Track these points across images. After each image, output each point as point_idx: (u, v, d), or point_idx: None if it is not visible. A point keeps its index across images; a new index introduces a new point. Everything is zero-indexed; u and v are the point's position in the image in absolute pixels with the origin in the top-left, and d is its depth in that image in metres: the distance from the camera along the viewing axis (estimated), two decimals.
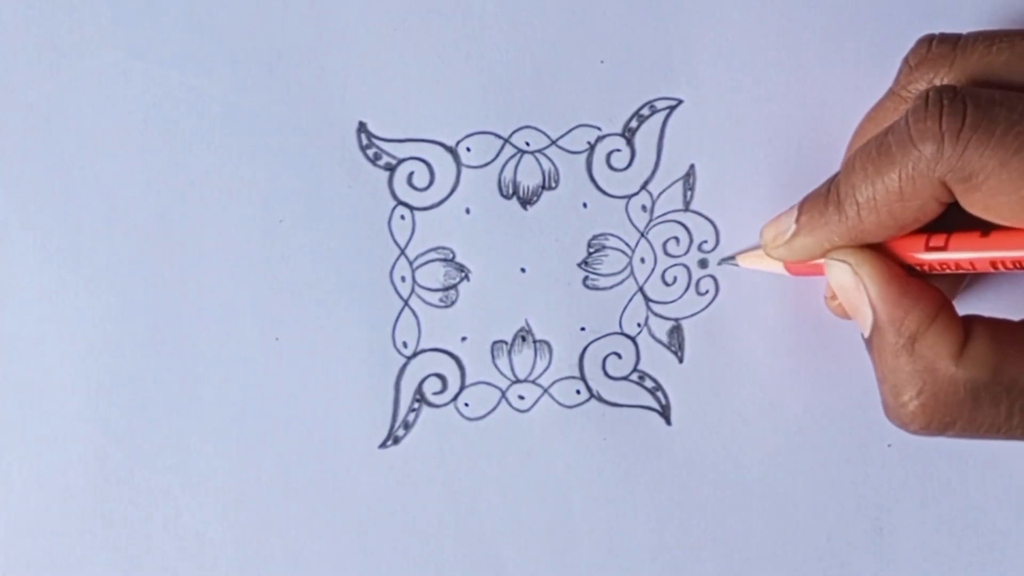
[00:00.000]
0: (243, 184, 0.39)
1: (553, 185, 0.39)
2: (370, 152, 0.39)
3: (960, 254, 0.31)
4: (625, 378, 0.40)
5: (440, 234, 0.39)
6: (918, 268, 0.33)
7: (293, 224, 0.39)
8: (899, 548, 0.40)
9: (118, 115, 0.39)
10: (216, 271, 0.39)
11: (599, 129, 0.39)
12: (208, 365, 0.39)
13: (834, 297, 0.36)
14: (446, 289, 0.39)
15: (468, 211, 0.39)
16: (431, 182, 0.39)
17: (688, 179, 0.39)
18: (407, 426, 0.39)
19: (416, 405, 0.39)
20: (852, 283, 0.32)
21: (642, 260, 0.39)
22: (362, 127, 0.39)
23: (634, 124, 0.39)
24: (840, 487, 0.40)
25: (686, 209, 0.39)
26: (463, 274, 0.39)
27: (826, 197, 0.33)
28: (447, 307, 0.39)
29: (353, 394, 0.39)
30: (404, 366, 0.39)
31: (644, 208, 0.39)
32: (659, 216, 0.39)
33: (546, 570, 0.40)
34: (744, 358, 0.39)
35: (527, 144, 0.39)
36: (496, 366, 0.39)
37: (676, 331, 0.40)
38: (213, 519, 0.40)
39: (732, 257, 0.39)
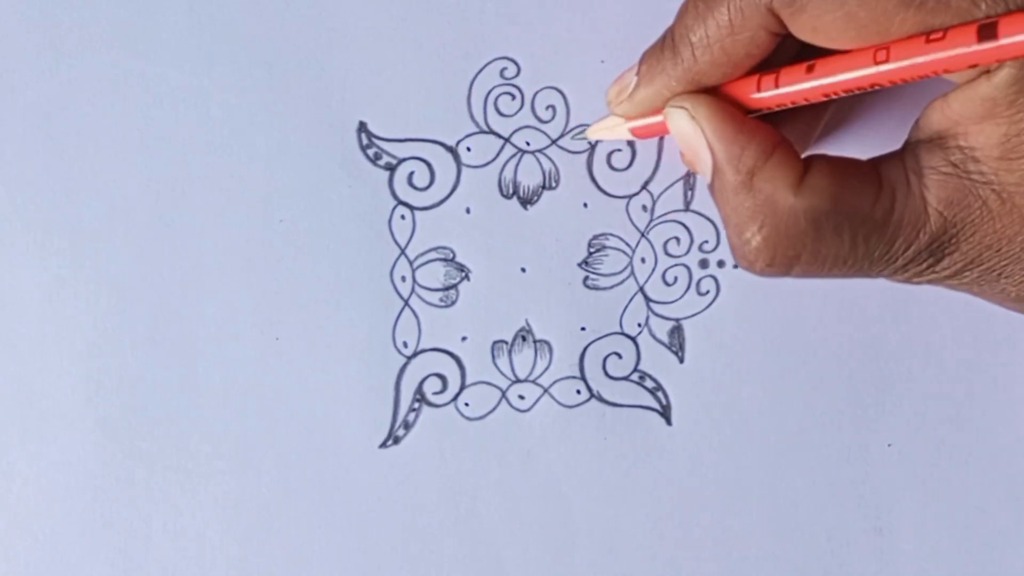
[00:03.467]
0: (243, 184, 0.39)
1: (553, 185, 0.39)
2: (370, 152, 0.39)
3: (791, 87, 0.31)
4: (625, 378, 0.40)
5: (440, 234, 0.39)
6: (756, 111, 0.33)
7: (293, 224, 0.39)
8: (899, 548, 0.40)
9: (118, 115, 0.39)
10: (216, 271, 0.39)
11: None
12: (208, 365, 0.39)
13: None
14: (446, 289, 0.39)
15: (468, 211, 0.39)
16: (431, 182, 0.39)
17: (689, 179, 0.39)
18: (407, 426, 0.39)
19: (416, 405, 0.39)
20: (690, 128, 0.32)
21: (643, 260, 0.39)
22: (362, 127, 0.39)
23: None
24: (840, 487, 0.40)
25: (687, 209, 0.39)
26: (463, 274, 0.39)
27: (663, 44, 0.33)
28: (447, 307, 0.39)
29: (353, 394, 0.39)
30: (404, 366, 0.39)
31: (645, 208, 0.39)
32: (660, 216, 0.39)
33: (546, 570, 0.40)
34: (745, 358, 0.39)
35: (527, 144, 0.39)
36: (496, 366, 0.40)
37: (677, 331, 0.40)
38: (213, 519, 0.40)
39: (582, 130, 0.38)
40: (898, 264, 0.32)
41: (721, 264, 0.39)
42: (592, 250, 0.39)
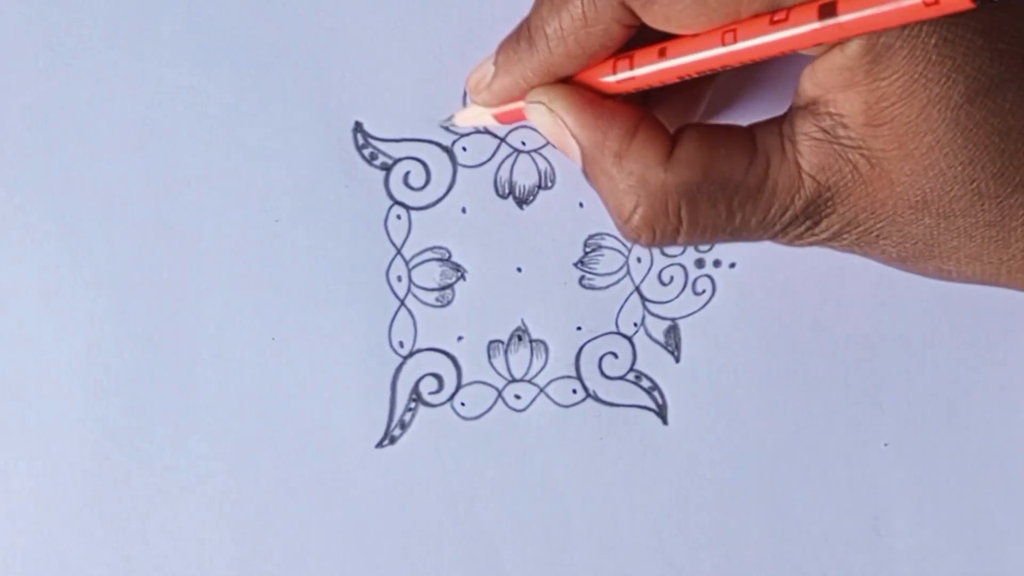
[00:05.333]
0: (240, 183, 0.39)
1: (549, 184, 0.39)
2: (366, 152, 0.39)
3: (645, 69, 0.32)
4: (621, 378, 0.40)
5: (436, 234, 0.39)
6: (615, 95, 0.33)
7: (289, 224, 0.39)
8: (896, 548, 0.40)
9: (115, 115, 0.39)
10: (213, 271, 0.39)
11: None
12: (205, 365, 0.39)
13: None
14: (442, 289, 0.39)
15: (464, 211, 0.39)
16: (427, 182, 0.39)
17: None
18: (403, 426, 0.40)
19: (412, 405, 0.39)
20: (550, 121, 0.33)
21: (638, 260, 0.39)
22: (358, 127, 0.39)
23: None
24: (837, 487, 0.40)
25: None
26: (459, 274, 0.39)
27: (519, 34, 0.33)
28: (443, 307, 0.39)
29: (349, 394, 0.39)
30: (400, 366, 0.39)
31: None
32: None
33: (543, 569, 0.40)
34: (741, 358, 0.39)
35: (523, 143, 0.39)
36: (492, 365, 0.39)
37: (673, 331, 0.39)
38: (210, 519, 0.40)
39: (450, 118, 0.38)
40: (776, 229, 0.32)
41: (717, 264, 0.39)
42: (588, 250, 0.39)
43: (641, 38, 0.32)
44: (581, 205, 0.39)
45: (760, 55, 0.30)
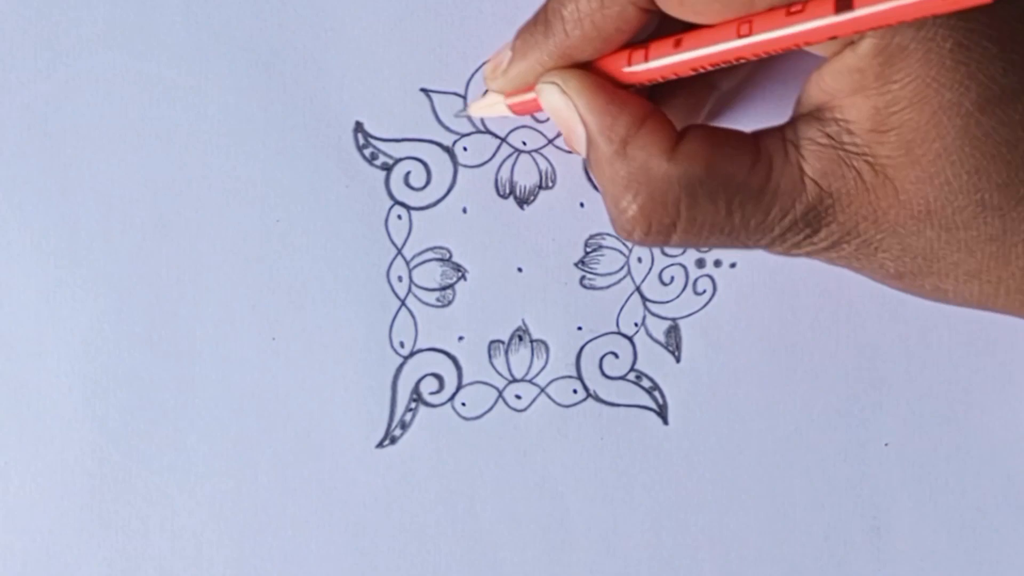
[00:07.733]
0: (240, 184, 0.39)
1: (550, 184, 0.39)
2: (367, 152, 0.39)
3: (660, 61, 0.31)
4: (622, 377, 0.40)
5: (437, 234, 0.39)
6: (629, 86, 0.33)
7: (290, 224, 0.39)
8: (897, 548, 0.40)
9: (115, 115, 0.39)
10: (213, 271, 0.39)
11: None
12: (205, 365, 0.39)
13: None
14: (443, 289, 0.39)
15: (465, 211, 0.39)
16: (428, 182, 0.39)
17: None
18: (404, 426, 0.40)
19: (413, 405, 0.39)
20: (561, 102, 0.32)
21: (639, 259, 0.39)
22: (359, 127, 0.39)
23: None
24: (837, 487, 0.40)
25: None
26: (460, 274, 0.39)
27: (536, 19, 0.33)
28: (444, 307, 0.39)
29: (350, 394, 0.39)
30: (401, 366, 0.39)
31: None
32: None
33: (543, 569, 0.40)
34: (741, 358, 0.39)
35: (524, 143, 0.39)
36: (493, 366, 0.40)
37: (673, 331, 0.40)
38: (210, 519, 0.40)
39: (464, 108, 0.38)
40: (775, 233, 0.32)
41: (718, 264, 0.39)
42: (589, 250, 0.39)
43: (661, 32, 0.32)
44: (582, 205, 0.39)
45: (775, 48, 0.29)
